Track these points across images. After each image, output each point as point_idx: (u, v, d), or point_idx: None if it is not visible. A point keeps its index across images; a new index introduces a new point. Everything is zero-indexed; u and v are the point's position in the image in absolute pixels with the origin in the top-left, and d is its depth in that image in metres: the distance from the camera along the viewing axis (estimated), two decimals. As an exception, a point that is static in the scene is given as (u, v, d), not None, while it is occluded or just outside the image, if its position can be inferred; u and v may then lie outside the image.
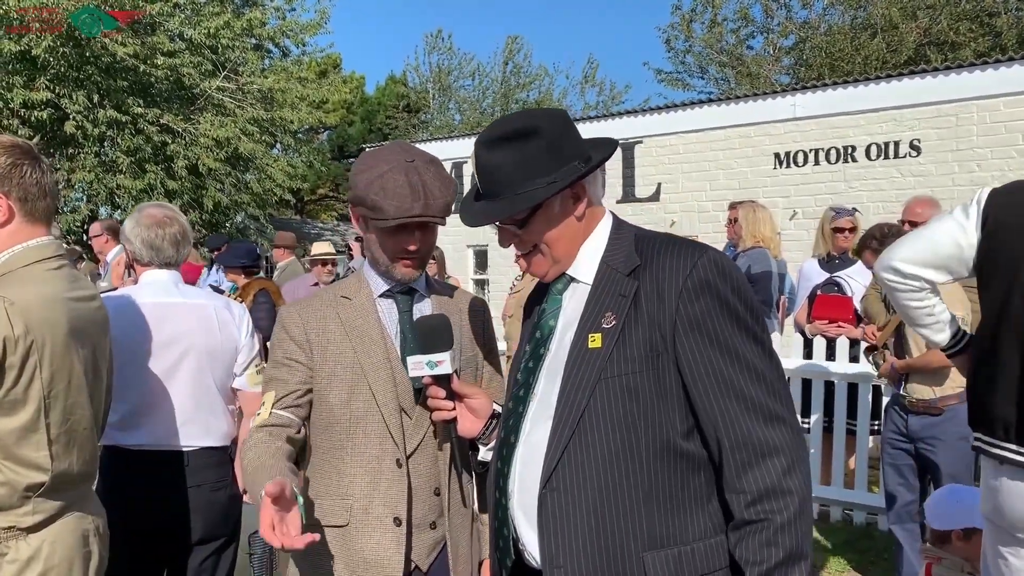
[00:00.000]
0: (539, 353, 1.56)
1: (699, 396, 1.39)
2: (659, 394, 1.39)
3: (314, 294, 1.97)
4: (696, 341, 1.38)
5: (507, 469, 1.53)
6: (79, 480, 1.96)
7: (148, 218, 2.74)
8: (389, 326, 1.89)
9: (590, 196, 1.53)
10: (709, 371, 1.37)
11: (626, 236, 1.54)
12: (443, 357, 1.74)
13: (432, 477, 1.87)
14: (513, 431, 1.54)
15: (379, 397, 1.81)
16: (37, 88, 13.98)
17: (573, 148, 1.49)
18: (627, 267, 1.47)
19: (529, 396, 1.54)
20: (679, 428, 1.40)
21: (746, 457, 1.36)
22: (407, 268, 1.86)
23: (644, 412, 1.39)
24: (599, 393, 1.41)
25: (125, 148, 15.26)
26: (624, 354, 1.40)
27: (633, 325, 1.41)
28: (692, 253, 1.42)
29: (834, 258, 5.44)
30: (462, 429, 1.79)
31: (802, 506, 1.36)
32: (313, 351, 1.84)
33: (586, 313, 1.48)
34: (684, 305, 1.38)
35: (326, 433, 1.86)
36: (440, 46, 30.21)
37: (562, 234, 1.52)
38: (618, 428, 1.40)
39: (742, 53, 23.23)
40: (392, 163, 1.78)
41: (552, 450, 1.43)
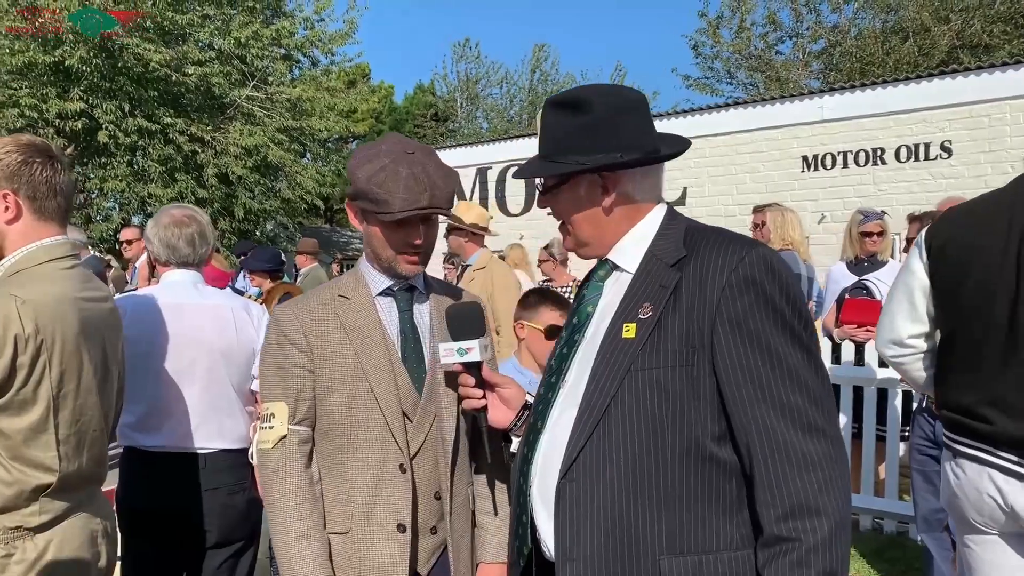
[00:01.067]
0: (574, 340, 1.51)
1: (733, 399, 1.30)
2: (691, 393, 1.32)
3: (308, 293, 1.90)
4: (735, 340, 1.30)
5: (531, 455, 1.49)
6: (88, 481, 1.95)
7: (167, 218, 2.76)
8: (389, 326, 1.84)
9: (624, 192, 1.47)
10: (746, 373, 1.29)
11: (677, 227, 1.47)
12: (472, 344, 1.69)
13: (433, 481, 1.82)
14: (541, 417, 1.50)
15: (381, 400, 1.75)
16: (71, 99, 14.24)
17: (619, 137, 1.43)
18: (672, 257, 1.40)
19: (560, 383, 1.49)
20: (710, 431, 1.32)
21: (779, 468, 1.27)
22: (411, 264, 1.81)
23: (673, 410, 1.32)
24: (628, 385, 1.35)
25: (156, 157, 15.48)
26: (658, 347, 1.34)
27: (670, 318, 1.34)
28: (740, 247, 1.34)
29: (862, 261, 5.32)
30: (493, 419, 1.74)
31: (838, 528, 1.26)
32: (313, 354, 1.78)
33: (624, 302, 1.42)
34: (726, 301, 1.30)
35: (326, 438, 1.80)
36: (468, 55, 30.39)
37: (586, 219, 1.49)
38: (644, 424, 1.33)
39: (771, 58, 23.01)
40: (393, 155, 1.74)
41: (574, 439, 1.38)
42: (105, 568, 1.99)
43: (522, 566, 1.52)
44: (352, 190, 1.77)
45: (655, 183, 1.52)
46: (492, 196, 12.75)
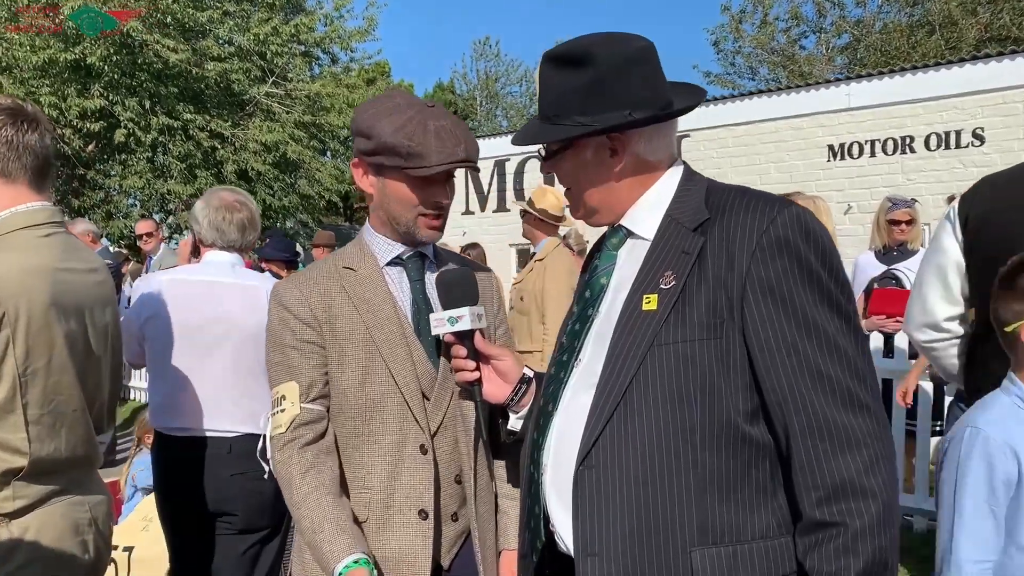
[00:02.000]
0: (587, 314, 1.41)
1: (767, 371, 1.21)
2: (720, 367, 1.22)
3: (309, 266, 1.78)
4: (767, 308, 1.20)
5: (542, 440, 1.39)
6: (69, 465, 1.83)
7: (218, 201, 2.76)
8: (401, 297, 1.72)
9: (635, 153, 1.36)
10: (780, 343, 1.19)
11: (697, 188, 1.36)
12: (463, 312, 1.59)
13: (453, 463, 1.70)
14: (552, 399, 1.39)
15: (398, 377, 1.64)
16: (91, 96, 14.31)
17: (627, 92, 1.31)
18: (694, 221, 1.29)
19: (573, 361, 1.39)
20: (742, 408, 1.22)
21: (819, 446, 1.18)
22: (432, 228, 1.70)
23: (702, 386, 1.22)
24: (651, 361, 1.24)
25: (176, 154, 15.55)
26: (683, 319, 1.23)
27: (695, 286, 1.24)
28: (771, 207, 1.24)
29: (891, 250, 5.12)
30: (488, 393, 1.63)
31: (886, 510, 1.17)
32: (322, 329, 1.66)
33: (643, 271, 1.32)
34: (756, 266, 1.20)
35: (338, 420, 1.68)
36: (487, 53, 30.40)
37: (595, 185, 1.39)
38: (670, 403, 1.23)
39: (794, 53, 22.77)
40: (414, 107, 1.63)
41: (592, 422, 1.28)
42: (93, 561, 1.86)
43: (535, 560, 1.42)
44: (370, 145, 1.63)
45: (669, 140, 1.41)
46: (510, 188, 12.63)
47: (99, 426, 2.02)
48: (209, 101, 16.63)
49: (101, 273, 2.00)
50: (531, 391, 1.60)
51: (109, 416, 2.09)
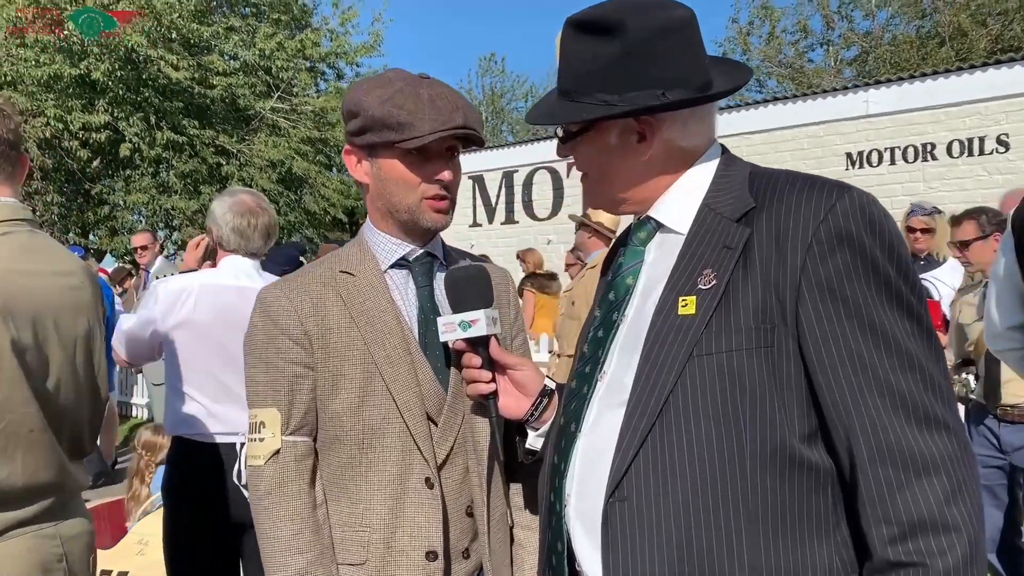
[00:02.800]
0: (612, 320, 1.24)
1: (826, 386, 1.06)
2: (772, 381, 1.07)
3: (302, 269, 1.57)
4: (827, 311, 1.05)
5: (564, 466, 1.21)
6: (32, 493, 1.61)
7: (239, 205, 2.67)
8: (405, 307, 1.51)
9: (667, 139, 1.19)
10: (843, 352, 1.04)
11: (738, 173, 1.20)
12: (477, 315, 1.38)
13: (463, 494, 1.50)
14: (575, 418, 1.22)
15: (400, 399, 1.43)
16: (96, 111, 14.27)
17: (659, 68, 1.15)
18: (737, 211, 1.14)
19: (597, 374, 1.22)
20: (798, 429, 1.07)
21: (891, 474, 1.03)
22: (438, 211, 1.49)
23: (751, 404, 1.07)
24: (690, 375, 1.09)
25: (181, 170, 15.48)
26: (726, 324, 1.08)
27: (741, 286, 1.09)
28: (829, 193, 1.08)
29: (918, 259, 4.89)
30: (504, 408, 1.43)
31: (972, 546, 1.01)
32: (312, 345, 1.44)
33: (677, 269, 1.16)
34: (813, 262, 1.05)
35: (332, 450, 1.47)
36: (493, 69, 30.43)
37: (619, 173, 1.23)
38: (714, 423, 1.08)
39: (802, 65, 22.67)
40: (405, 79, 1.45)
41: (624, 447, 1.12)
42: None
43: None
44: (358, 123, 1.43)
45: (707, 124, 1.24)
46: (518, 200, 12.43)
47: (78, 448, 1.81)
48: (215, 116, 16.63)
49: (75, 278, 1.78)
50: (553, 405, 1.43)
51: (91, 437, 1.87)
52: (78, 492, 1.83)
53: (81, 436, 1.81)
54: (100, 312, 1.86)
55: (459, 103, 1.45)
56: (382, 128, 1.41)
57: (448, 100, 1.43)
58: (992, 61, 8.99)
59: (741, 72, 1.25)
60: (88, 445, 1.87)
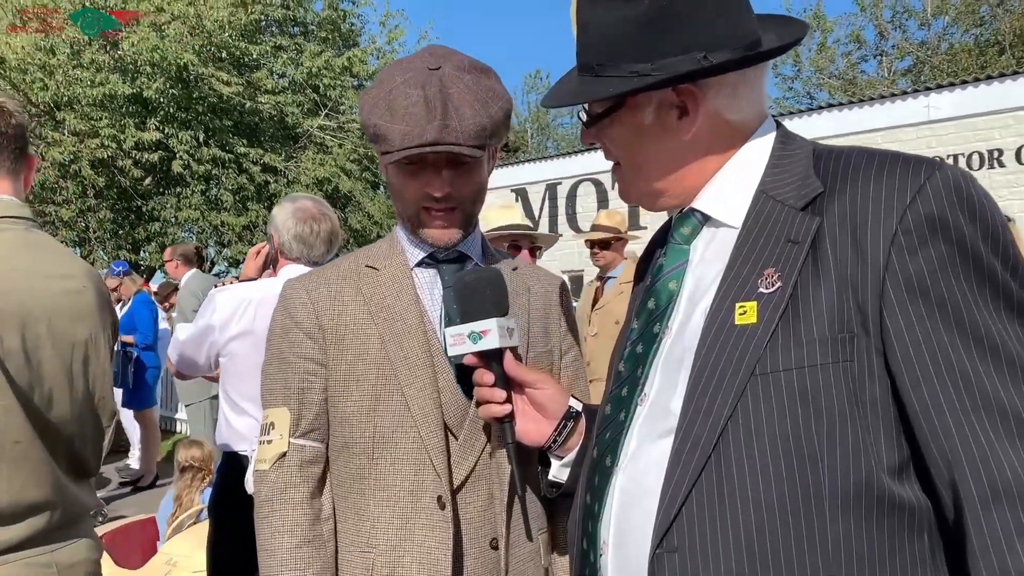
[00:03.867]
0: (653, 333, 1.07)
1: (921, 408, 0.88)
2: (854, 402, 0.89)
3: (329, 263, 1.46)
4: (918, 316, 0.88)
5: (599, 507, 1.05)
6: (20, 513, 1.48)
7: (302, 212, 2.60)
8: (430, 307, 1.37)
9: (713, 111, 1.02)
10: (940, 366, 0.87)
11: (799, 152, 1.03)
12: (488, 325, 1.22)
13: (487, 523, 1.32)
14: (611, 450, 1.06)
15: (415, 407, 1.29)
16: (148, 129, 14.57)
17: (701, 27, 0.98)
18: (801, 197, 0.97)
19: (636, 397, 1.05)
20: (886, 460, 0.90)
21: (1007, 516, 0.84)
22: (437, 227, 1.34)
23: (828, 431, 0.89)
24: (752, 397, 0.92)
25: (230, 186, 15.71)
26: (795, 335, 0.91)
27: (811, 289, 0.92)
28: (916, 170, 0.91)
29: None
30: (523, 432, 1.25)
31: None
32: (327, 341, 1.32)
33: (732, 270, 0.99)
34: (900, 256, 0.89)
35: (341, 456, 1.34)
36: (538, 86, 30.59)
37: (657, 157, 1.06)
38: (783, 456, 0.90)
39: (855, 76, 22.19)
40: (411, 71, 1.29)
41: (672, 486, 0.95)
42: None
43: None
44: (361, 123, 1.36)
45: (759, 93, 1.07)
46: (562, 212, 12.26)
47: (79, 467, 1.67)
48: (263, 134, 16.86)
49: (76, 281, 1.66)
50: (579, 430, 1.27)
51: (95, 455, 1.74)
52: (82, 515, 1.70)
53: (82, 453, 1.69)
54: (107, 320, 1.74)
55: (445, 108, 1.26)
56: (371, 136, 1.32)
57: (433, 106, 1.25)
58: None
59: (795, 27, 1.06)
60: (93, 465, 1.74)
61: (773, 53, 1.02)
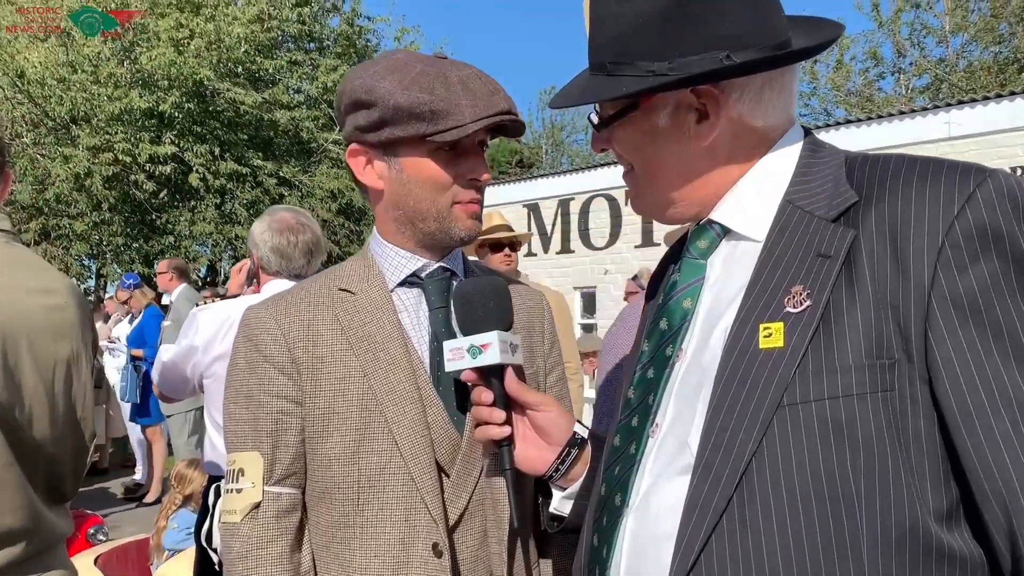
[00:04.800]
0: (664, 355, 0.99)
1: (974, 445, 0.79)
2: (895, 437, 0.81)
3: (296, 286, 1.33)
4: (969, 340, 0.79)
5: (607, 551, 0.96)
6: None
7: (279, 223, 2.53)
8: (415, 332, 1.26)
9: (735, 117, 0.95)
10: (994, 397, 0.78)
11: (830, 160, 0.96)
12: (489, 339, 1.12)
13: (480, 565, 1.22)
14: (620, 488, 0.97)
15: (405, 444, 1.18)
16: (163, 143, 14.68)
17: (723, 23, 0.91)
18: (833, 207, 0.89)
19: (647, 428, 0.97)
20: (933, 504, 0.81)
21: None
22: (471, 219, 1.25)
23: (866, 470, 0.81)
24: (780, 431, 0.83)
25: (244, 200, 15.79)
26: (828, 361, 0.83)
27: (845, 309, 0.84)
28: (964, 177, 0.82)
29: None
30: (523, 459, 1.16)
31: None
32: (301, 376, 1.21)
33: (755, 287, 0.91)
34: (948, 273, 0.80)
35: (321, 504, 1.22)
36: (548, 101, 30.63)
37: (673, 164, 0.98)
38: (816, 498, 0.81)
39: (871, 94, 22.04)
40: (421, 60, 1.22)
41: (690, 530, 0.86)
42: None
43: None
44: (374, 116, 1.18)
45: (787, 98, 0.98)
46: (575, 228, 12.16)
47: (57, 491, 1.60)
48: (278, 148, 16.96)
49: (58, 297, 1.59)
50: (584, 458, 1.18)
51: (74, 479, 1.66)
52: (57, 542, 1.62)
53: (61, 477, 1.61)
54: (88, 338, 1.66)
55: (495, 84, 1.23)
56: (408, 120, 1.17)
57: (483, 81, 1.22)
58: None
59: (829, 28, 0.98)
60: (70, 488, 1.67)
61: (804, 54, 0.95)
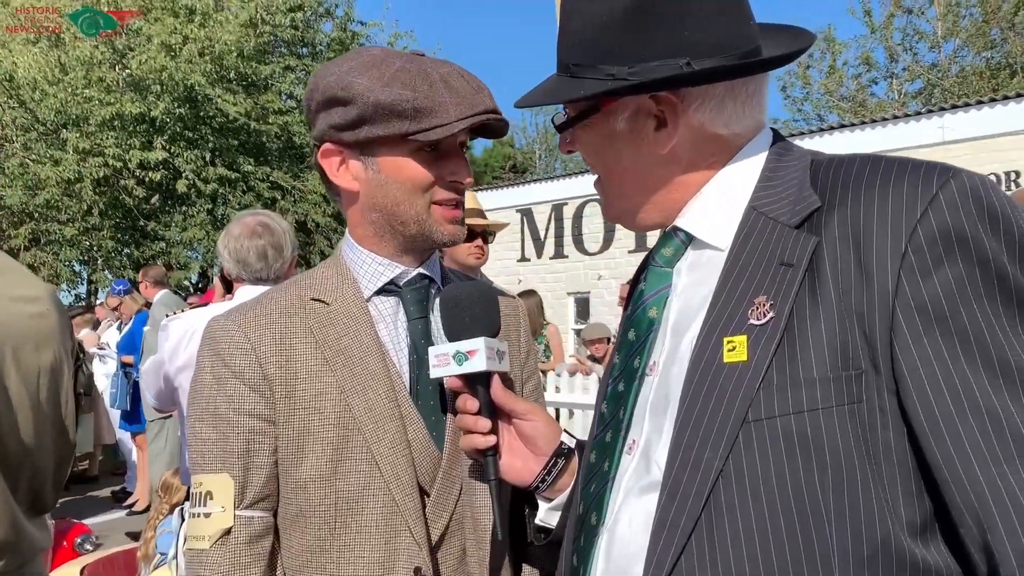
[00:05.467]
0: (633, 368, 0.96)
1: (944, 457, 0.76)
2: (864, 451, 0.79)
3: (263, 295, 1.26)
4: (936, 348, 0.77)
5: (584, 572, 0.94)
6: None
7: (239, 227, 2.48)
8: (393, 344, 1.21)
9: (695, 126, 0.92)
10: (962, 406, 0.75)
11: (795, 163, 0.92)
12: (475, 345, 1.08)
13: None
14: (595, 505, 0.95)
15: (385, 464, 1.14)
16: (154, 148, 14.60)
17: (687, 28, 0.88)
18: (797, 213, 0.86)
19: (618, 443, 0.95)
20: (906, 518, 0.78)
21: None
22: (453, 223, 1.20)
23: (835, 485, 0.79)
24: (746, 447, 0.81)
25: (236, 205, 15.73)
26: (793, 374, 0.80)
27: (809, 319, 0.81)
28: (927, 178, 0.80)
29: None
30: (508, 469, 1.11)
31: None
32: (274, 393, 1.15)
33: (719, 298, 0.88)
34: (912, 279, 0.78)
35: (295, 528, 1.16)
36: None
37: (629, 169, 0.97)
38: (784, 515, 0.79)
39: (864, 99, 22.12)
40: (400, 56, 1.17)
41: (659, 551, 0.84)
42: None
43: None
44: (351, 114, 1.13)
45: (755, 105, 0.95)
46: (568, 234, 12.13)
47: (38, 502, 1.55)
48: (270, 153, 16.91)
49: (40, 304, 1.54)
50: (571, 469, 1.14)
51: (54, 489, 1.61)
52: (35, 555, 1.57)
53: (42, 487, 1.57)
54: (68, 345, 1.62)
55: (478, 82, 1.19)
56: (390, 117, 1.12)
57: (465, 79, 1.17)
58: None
59: (801, 37, 0.95)
60: (50, 499, 1.62)
61: (767, 64, 0.91)
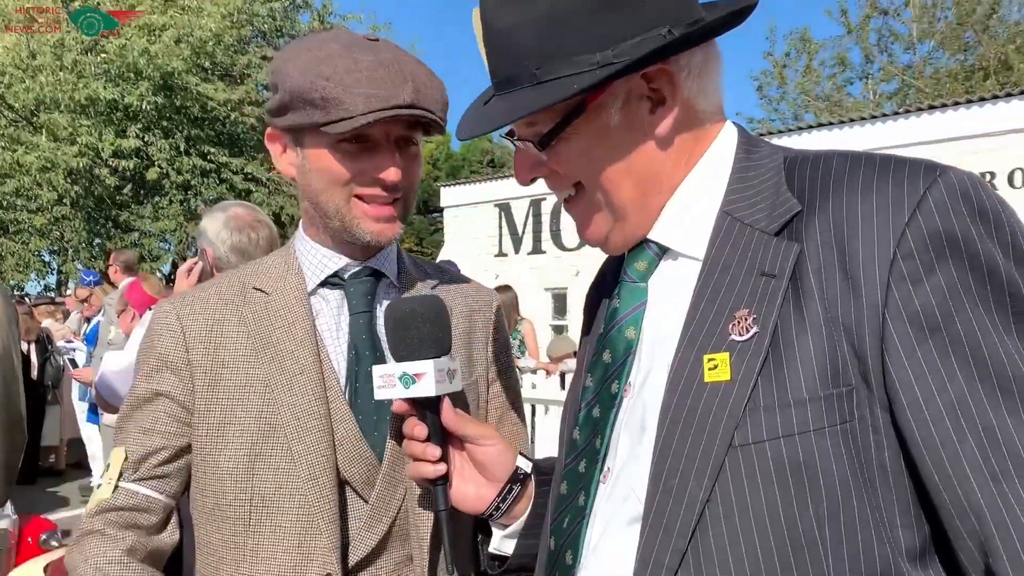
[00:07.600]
0: (610, 392, 0.90)
1: (942, 477, 0.72)
2: (858, 473, 0.74)
3: (210, 282, 1.24)
4: (929, 361, 0.72)
5: None
6: None
7: (236, 220, 2.40)
8: (333, 339, 1.17)
9: (687, 99, 0.86)
10: (959, 422, 0.71)
11: (767, 162, 0.87)
12: (423, 368, 1.01)
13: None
14: (571, 543, 0.89)
15: (305, 463, 1.10)
16: (128, 137, 14.39)
17: (654, 4, 0.83)
18: (775, 219, 0.81)
19: (595, 472, 0.89)
20: (904, 543, 0.75)
21: None
22: (380, 221, 1.13)
23: (829, 512, 0.74)
24: (733, 475, 0.76)
25: (208, 196, 15.56)
26: (780, 393, 0.75)
27: (795, 333, 0.76)
28: (913, 178, 0.75)
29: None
30: (460, 498, 1.06)
31: None
32: (195, 380, 1.12)
33: (696, 313, 0.82)
34: (902, 287, 0.73)
35: (210, 519, 1.12)
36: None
37: (630, 166, 0.87)
38: (777, 547, 0.75)
39: (840, 99, 22.34)
40: (345, 41, 1.11)
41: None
42: None
43: None
44: (277, 100, 1.10)
45: (719, 81, 0.91)
46: (546, 229, 12.12)
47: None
48: (245, 145, 16.74)
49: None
50: (528, 494, 1.08)
51: (6, 480, 1.54)
52: None
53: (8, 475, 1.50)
54: (15, 335, 1.54)
55: (410, 73, 1.10)
56: (303, 106, 1.08)
57: (394, 69, 1.09)
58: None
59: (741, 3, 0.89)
60: (2, 492, 1.53)
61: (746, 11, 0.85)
